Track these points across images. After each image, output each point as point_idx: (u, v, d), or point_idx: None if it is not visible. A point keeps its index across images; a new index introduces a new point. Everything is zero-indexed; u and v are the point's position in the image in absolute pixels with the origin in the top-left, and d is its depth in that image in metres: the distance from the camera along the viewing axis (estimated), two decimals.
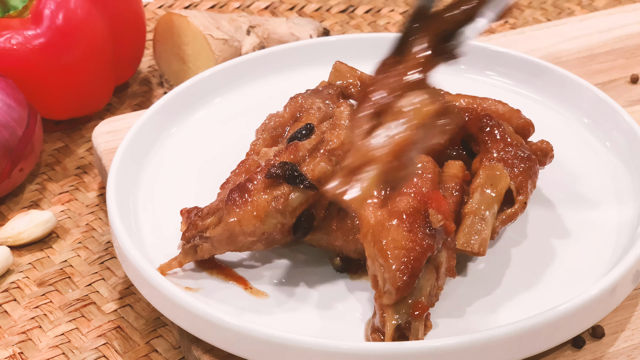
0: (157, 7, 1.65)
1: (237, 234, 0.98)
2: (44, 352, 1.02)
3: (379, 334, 0.92)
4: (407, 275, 0.89)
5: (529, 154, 1.03)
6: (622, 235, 1.04)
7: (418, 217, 0.92)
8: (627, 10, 1.49)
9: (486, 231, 0.97)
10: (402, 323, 0.90)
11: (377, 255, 0.91)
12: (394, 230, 0.91)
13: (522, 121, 1.08)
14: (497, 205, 0.99)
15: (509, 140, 1.02)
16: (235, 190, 0.98)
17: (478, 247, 0.97)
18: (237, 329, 0.91)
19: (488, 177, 0.99)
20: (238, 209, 0.97)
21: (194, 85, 1.23)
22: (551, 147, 1.07)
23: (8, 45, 1.23)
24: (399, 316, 0.90)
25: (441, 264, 0.93)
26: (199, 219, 0.99)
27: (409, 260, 0.89)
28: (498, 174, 0.99)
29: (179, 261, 0.99)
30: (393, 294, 0.89)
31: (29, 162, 1.21)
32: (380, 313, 0.91)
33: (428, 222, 0.92)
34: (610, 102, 1.18)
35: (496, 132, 1.03)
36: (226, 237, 0.98)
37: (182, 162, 1.15)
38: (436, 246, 0.92)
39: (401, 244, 0.90)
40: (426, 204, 0.93)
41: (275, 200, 0.97)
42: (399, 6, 1.64)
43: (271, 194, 0.97)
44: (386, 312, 0.90)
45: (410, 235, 0.91)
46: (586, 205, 1.09)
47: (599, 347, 0.96)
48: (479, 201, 0.98)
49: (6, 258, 1.11)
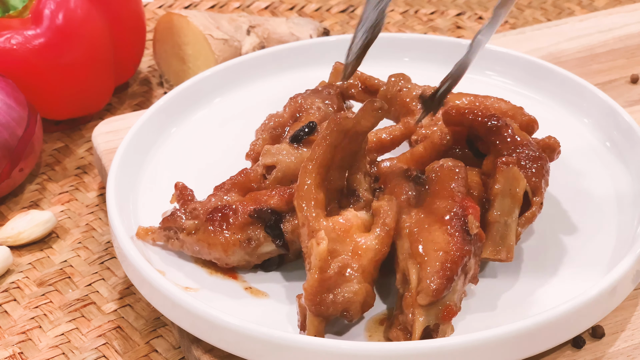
0: (157, 7, 1.65)
1: (204, 252, 1.00)
2: (44, 352, 1.02)
3: (403, 332, 0.92)
4: (446, 278, 0.89)
5: (540, 153, 1.02)
6: (622, 235, 1.04)
7: (458, 222, 0.93)
8: (627, 10, 1.49)
9: (510, 237, 0.98)
10: (430, 324, 0.90)
11: (415, 253, 0.91)
12: (435, 232, 0.92)
13: (526, 118, 1.08)
14: (517, 210, 0.99)
15: (518, 139, 1.02)
16: (218, 212, 0.99)
17: (505, 254, 0.97)
18: (237, 329, 0.91)
19: (507, 182, 0.98)
20: (212, 234, 0.99)
21: (194, 85, 1.23)
22: (558, 142, 1.07)
23: (8, 45, 1.23)
24: (429, 317, 0.90)
25: (470, 270, 0.93)
26: (181, 215, 1.00)
27: (448, 264, 0.90)
28: (516, 177, 0.99)
29: (152, 237, 1.02)
30: (429, 295, 0.89)
31: (29, 162, 1.21)
32: (409, 311, 0.91)
33: (466, 227, 0.93)
34: (610, 102, 1.18)
35: (505, 134, 1.02)
36: (194, 248, 1.01)
37: (181, 162, 1.15)
38: (472, 252, 0.93)
39: (442, 246, 0.91)
40: (464, 209, 0.94)
41: (247, 242, 0.99)
42: (399, 6, 1.64)
43: (246, 234, 0.99)
44: (416, 312, 0.90)
45: (452, 239, 0.91)
46: (586, 205, 1.09)
47: (599, 347, 0.96)
48: (501, 208, 0.98)
49: (6, 258, 1.11)
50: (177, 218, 1.01)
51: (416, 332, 0.89)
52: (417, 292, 0.90)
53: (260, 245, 0.99)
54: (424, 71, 1.24)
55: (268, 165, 1.03)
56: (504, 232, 0.98)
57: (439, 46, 1.30)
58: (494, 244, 0.97)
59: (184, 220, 1.00)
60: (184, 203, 1.02)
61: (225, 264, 1.00)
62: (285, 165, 1.03)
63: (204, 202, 1.01)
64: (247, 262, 1.00)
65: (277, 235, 0.99)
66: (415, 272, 0.91)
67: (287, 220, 0.99)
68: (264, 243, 0.99)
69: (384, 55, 1.28)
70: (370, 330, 0.96)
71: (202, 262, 1.02)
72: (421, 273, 0.90)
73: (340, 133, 0.97)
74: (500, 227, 0.98)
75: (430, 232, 0.92)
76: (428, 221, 0.93)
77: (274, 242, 0.99)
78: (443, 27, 1.59)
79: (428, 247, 0.91)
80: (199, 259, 1.02)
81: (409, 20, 1.61)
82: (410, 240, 0.92)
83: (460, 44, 1.29)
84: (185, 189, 1.03)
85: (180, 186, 1.04)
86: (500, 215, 0.98)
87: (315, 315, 0.91)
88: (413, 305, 0.90)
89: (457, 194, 0.96)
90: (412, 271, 0.91)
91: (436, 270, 0.89)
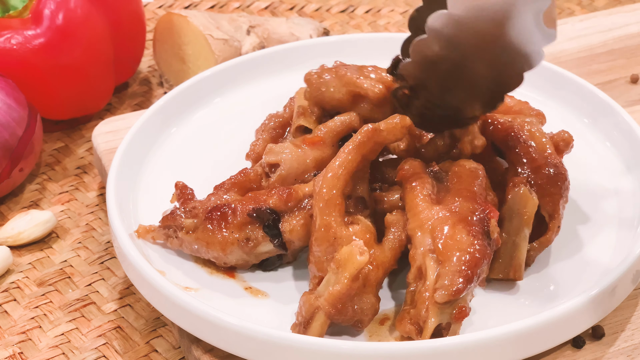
0: (157, 7, 1.65)
1: (202, 251, 1.00)
2: (44, 352, 1.02)
3: (415, 327, 0.91)
4: (467, 279, 0.89)
5: (559, 170, 1.01)
6: (622, 235, 1.04)
7: (481, 224, 0.93)
8: (627, 10, 1.49)
9: (519, 256, 0.98)
10: (443, 323, 0.90)
11: (436, 250, 0.91)
12: (459, 232, 0.92)
13: (534, 113, 1.08)
14: (527, 229, 0.98)
15: (536, 157, 1.01)
16: (217, 211, 0.99)
17: (513, 273, 0.98)
18: (237, 329, 0.91)
19: (515, 203, 0.99)
20: (210, 232, 0.99)
21: (194, 85, 1.23)
22: (572, 137, 1.06)
23: (8, 45, 1.23)
24: (443, 316, 0.90)
25: (482, 273, 0.93)
26: (181, 214, 1.01)
27: (470, 265, 0.90)
28: (525, 199, 0.98)
29: (152, 236, 1.03)
30: (448, 294, 0.89)
31: (29, 162, 1.21)
32: (423, 307, 0.91)
33: (487, 230, 0.93)
34: (610, 102, 1.18)
35: (522, 153, 1.02)
36: (193, 247, 1.01)
37: (181, 162, 1.15)
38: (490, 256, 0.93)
39: (465, 247, 0.91)
40: (487, 212, 0.94)
41: (245, 241, 0.99)
42: (399, 6, 1.64)
43: (244, 233, 0.99)
44: (431, 309, 0.90)
45: (474, 241, 0.91)
46: (586, 205, 1.09)
47: (599, 347, 0.96)
48: (508, 228, 0.98)
49: (6, 258, 1.11)
50: (176, 216, 1.01)
51: (428, 330, 0.89)
52: (434, 290, 0.90)
53: (259, 244, 0.99)
54: None
55: (272, 163, 1.03)
56: (512, 252, 0.98)
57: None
58: (502, 263, 0.98)
59: (183, 218, 1.00)
60: (184, 202, 1.02)
61: (223, 263, 1.00)
62: (289, 164, 1.03)
63: (204, 201, 1.01)
64: (245, 261, 1.00)
65: (275, 234, 0.99)
66: (434, 269, 0.91)
67: (285, 220, 0.99)
68: (262, 242, 0.99)
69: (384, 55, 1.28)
70: (371, 330, 0.96)
71: (202, 262, 1.02)
72: (441, 270, 0.90)
73: (371, 143, 0.97)
74: (509, 247, 0.98)
75: (454, 231, 0.92)
76: (452, 220, 0.93)
77: (272, 241, 0.99)
78: None
79: (452, 247, 0.91)
80: (199, 259, 1.02)
81: None
82: (432, 236, 0.92)
83: None
84: (185, 188, 1.04)
85: (181, 185, 1.04)
86: (507, 236, 0.98)
87: (330, 319, 0.91)
88: (429, 301, 0.90)
89: (479, 196, 0.96)
90: (431, 267, 0.91)
91: (458, 269, 0.89)
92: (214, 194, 1.02)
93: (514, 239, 0.98)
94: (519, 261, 0.98)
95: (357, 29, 1.59)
